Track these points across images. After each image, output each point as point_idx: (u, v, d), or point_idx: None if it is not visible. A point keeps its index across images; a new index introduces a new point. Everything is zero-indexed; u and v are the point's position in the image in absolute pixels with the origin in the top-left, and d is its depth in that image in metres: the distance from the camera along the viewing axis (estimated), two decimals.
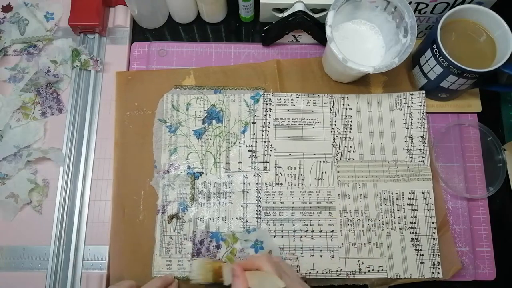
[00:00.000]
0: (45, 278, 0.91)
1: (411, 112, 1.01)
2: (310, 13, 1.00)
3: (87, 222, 0.95)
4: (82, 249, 0.93)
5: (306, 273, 0.92)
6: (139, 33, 1.10)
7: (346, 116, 1.01)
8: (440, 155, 1.01)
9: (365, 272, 0.93)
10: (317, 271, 0.92)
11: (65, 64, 1.03)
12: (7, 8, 1.07)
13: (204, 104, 1.00)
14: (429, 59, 0.94)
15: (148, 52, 1.06)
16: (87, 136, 0.99)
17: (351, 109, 1.01)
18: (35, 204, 0.94)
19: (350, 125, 1.00)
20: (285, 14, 1.02)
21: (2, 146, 0.97)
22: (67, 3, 1.05)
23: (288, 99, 1.01)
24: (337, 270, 0.92)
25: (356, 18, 0.97)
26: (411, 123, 1.00)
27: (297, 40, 1.07)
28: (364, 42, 0.97)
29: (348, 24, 0.97)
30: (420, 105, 1.00)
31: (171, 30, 1.11)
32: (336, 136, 0.99)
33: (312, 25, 1.00)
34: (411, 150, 0.99)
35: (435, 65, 0.93)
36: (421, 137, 0.99)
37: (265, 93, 1.01)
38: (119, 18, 1.08)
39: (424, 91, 1.01)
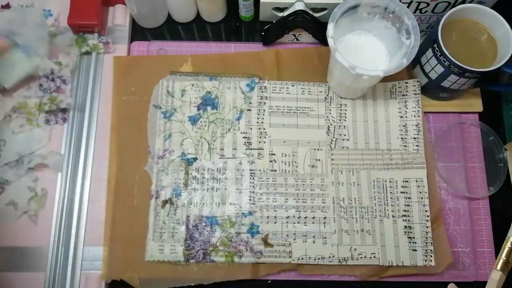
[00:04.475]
0: (44, 278, 0.91)
1: (406, 100, 1.01)
2: (311, 12, 1.00)
3: (86, 223, 0.95)
4: (81, 250, 0.93)
5: (298, 259, 0.92)
6: (138, 32, 1.10)
7: (341, 104, 1.01)
8: (441, 155, 1.01)
9: (357, 259, 0.92)
10: (310, 257, 0.92)
11: (66, 68, 1.03)
12: (6, 7, 1.07)
13: (199, 90, 1.01)
14: (430, 58, 0.94)
15: (147, 51, 1.06)
16: (85, 138, 1.00)
17: (346, 97, 1.02)
18: (31, 213, 0.94)
19: (345, 113, 1.00)
20: (286, 13, 1.02)
21: (5, 151, 0.97)
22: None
23: (283, 87, 1.02)
24: (329, 256, 0.92)
25: (356, 29, 0.97)
26: (406, 111, 1.00)
27: (297, 39, 1.08)
28: (367, 53, 0.96)
29: (349, 37, 0.97)
30: (415, 93, 1.01)
31: (171, 30, 1.11)
32: (331, 124, 1.00)
33: (313, 25, 1.01)
34: (405, 138, 0.99)
35: (436, 65, 0.93)
36: (416, 125, 0.99)
37: (261, 81, 1.02)
38: (118, 17, 1.08)
39: (418, 79, 1.01)
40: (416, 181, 0.96)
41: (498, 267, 0.67)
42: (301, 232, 0.93)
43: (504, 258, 0.68)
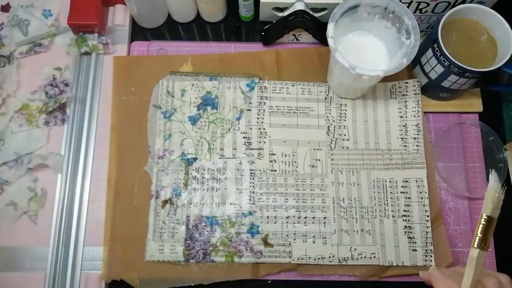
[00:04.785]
0: (44, 278, 0.91)
1: (406, 100, 1.01)
2: (311, 12, 1.00)
3: (86, 223, 0.95)
4: (81, 250, 0.93)
5: (298, 259, 0.92)
6: (138, 32, 1.10)
7: (341, 104, 1.01)
8: (441, 155, 1.01)
9: (357, 259, 0.92)
10: (310, 257, 0.92)
11: (67, 71, 1.04)
12: (6, 8, 1.08)
13: (199, 90, 1.01)
14: (430, 58, 0.94)
15: (147, 51, 1.06)
16: (85, 138, 1.00)
17: (346, 97, 1.02)
18: (31, 214, 0.94)
19: (345, 113, 1.00)
20: (286, 13, 1.02)
21: (3, 151, 0.97)
22: None
23: (283, 87, 1.02)
24: (329, 257, 0.92)
25: (356, 29, 0.97)
26: (406, 111, 1.00)
27: (297, 39, 1.08)
28: (367, 53, 0.96)
29: (349, 37, 0.97)
30: (415, 93, 1.01)
31: (171, 30, 1.11)
32: (331, 124, 1.00)
33: (313, 25, 1.01)
34: (405, 138, 0.99)
35: (436, 65, 0.93)
36: (416, 125, 0.99)
37: (261, 81, 1.02)
38: (118, 17, 1.08)
39: (418, 79, 1.01)
40: (416, 181, 0.96)
41: (475, 245, 0.68)
42: (301, 232, 0.93)
43: (480, 235, 0.68)
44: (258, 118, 1.00)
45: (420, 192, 0.96)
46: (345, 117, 1.00)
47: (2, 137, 0.98)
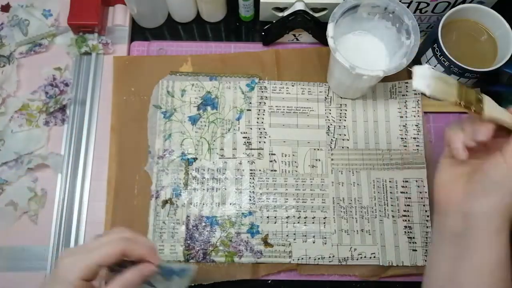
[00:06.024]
0: (44, 278, 0.91)
1: (406, 100, 1.01)
2: (311, 12, 1.00)
3: (86, 223, 0.95)
4: None
5: (298, 259, 0.92)
6: (138, 32, 1.10)
7: (341, 104, 1.01)
8: (441, 155, 1.00)
9: (357, 259, 0.92)
10: (310, 257, 0.92)
11: (67, 71, 1.04)
12: (6, 8, 1.08)
13: (199, 90, 1.01)
14: (430, 58, 0.94)
15: (147, 51, 1.06)
16: (85, 139, 1.00)
17: (346, 97, 1.02)
18: (31, 214, 0.94)
19: (345, 113, 1.01)
20: (286, 13, 1.02)
21: (3, 151, 0.97)
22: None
23: (283, 87, 1.02)
24: (329, 257, 0.92)
25: (356, 29, 0.97)
26: (406, 111, 1.00)
27: (297, 39, 1.08)
28: (366, 53, 0.96)
29: (349, 37, 0.97)
30: (415, 94, 1.01)
31: (171, 30, 1.11)
32: (331, 124, 1.00)
33: (313, 25, 1.01)
34: (405, 138, 0.99)
35: (436, 65, 0.93)
36: (416, 125, 0.99)
37: (261, 81, 1.02)
38: (118, 17, 1.08)
39: None
40: (416, 181, 0.96)
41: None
42: (301, 232, 0.94)
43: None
44: (258, 118, 1.00)
45: (420, 192, 0.96)
46: (345, 117, 1.00)
47: (2, 137, 0.97)
